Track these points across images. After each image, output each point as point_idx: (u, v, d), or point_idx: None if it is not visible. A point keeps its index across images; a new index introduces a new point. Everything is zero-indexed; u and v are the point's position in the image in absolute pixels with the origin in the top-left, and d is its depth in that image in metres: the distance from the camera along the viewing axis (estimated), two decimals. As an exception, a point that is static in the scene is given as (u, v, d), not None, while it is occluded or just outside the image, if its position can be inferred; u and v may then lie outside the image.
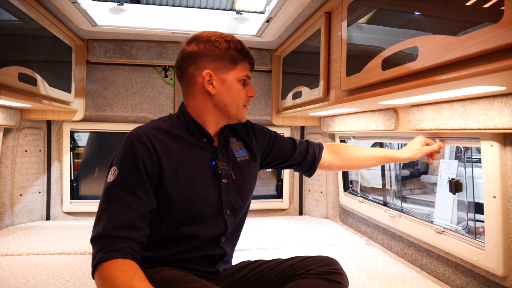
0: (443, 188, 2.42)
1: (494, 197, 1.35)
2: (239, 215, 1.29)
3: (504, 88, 1.09)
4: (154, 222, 1.13)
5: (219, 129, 1.26)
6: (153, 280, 1.00)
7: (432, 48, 1.01)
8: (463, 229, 1.75)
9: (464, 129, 1.37)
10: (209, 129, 1.22)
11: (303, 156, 1.47)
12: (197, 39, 1.18)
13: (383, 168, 3.10)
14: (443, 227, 1.68)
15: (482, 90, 1.13)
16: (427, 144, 1.53)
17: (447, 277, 1.69)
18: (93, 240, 1.02)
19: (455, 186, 1.45)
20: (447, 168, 2.69)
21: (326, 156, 1.52)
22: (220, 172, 1.21)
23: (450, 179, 1.41)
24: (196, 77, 1.17)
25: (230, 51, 1.16)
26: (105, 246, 0.98)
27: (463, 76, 0.92)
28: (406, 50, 1.13)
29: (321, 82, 1.85)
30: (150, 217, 1.10)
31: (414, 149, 1.52)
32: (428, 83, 1.05)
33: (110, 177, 1.07)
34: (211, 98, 1.18)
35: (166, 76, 2.92)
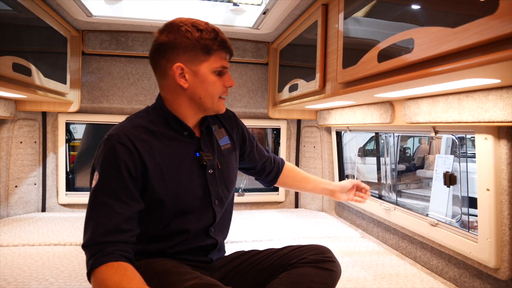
0: (438, 182, 2.44)
1: (488, 189, 1.36)
2: (225, 204, 1.28)
3: (498, 81, 1.09)
4: (143, 220, 1.12)
5: (199, 120, 1.23)
6: (146, 271, 1.00)
7: (427, 40, 1.00)
8: (456, 222, 1.76)
9: (459, 122, 1.38)
10: (188, 121, 1.18)
11: (271, 168, 1.50)
12: (168, 28, 1.11)
13: (378, 162, 3.12)
14: (437, 220, 1.69)
15: (477, 82, 1.14)
16: (358, 188, 1.56)
17: (441, 269, 1.71)
18: (84, 247, 1.01)
19: (450, 179, 1.46)
20: (442, 163, 2.71)
21: (283, 171, 1.55)
22: (205, 163, 1.19)
23: (445, 172, 1.42)
24: (167, 70, 1.11)
25: (202, 41, 1.08)
26: (95, 252, 0.97)
27: (458, 68, 0.92)
28: (402, 42, 1.13)
29: (318, 75, 1.84)
30: (139, 216, 1.08)
31: (341, 187, 1.54)
32: (423, 75, 1.04)
33: (93, 183, 1.05)
34: (184, 91, 1.13)
35: (162, 68, 2.91)
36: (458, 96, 1.37)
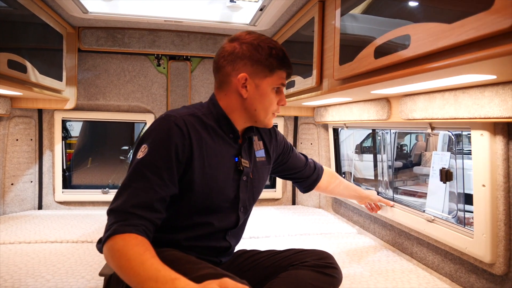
0: (435, 179, 2.45)
1: (484, 185, 1.37)
2: (248, 212, 1.33)
3: (494, 76, 1.09)
4: (170, 207, 1.14)
5: (245, 128, 1.27)
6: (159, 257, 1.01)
7: (424, 35, 1.00)
8: (452, 218, 1.77)
9: (455, 118, 1.38)
10: (236, 126, 1.23)
11: (310, 174, 1.58)
12: (241, 39, 1.17)
13: (375, 159, 3.12)
14: (434, 216, 1.70)
15: (473, 79, 1.14)
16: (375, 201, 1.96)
17: (437, 264, 1.72)
18: (111, 211, 1.02)
19: (446, 175, 1.47)
20: (439, 159, 2.72)
21: (323, 177, 1.64)
22: (242, 169, 1.22)
23: (441, 168, 1.43)
24: (231, 77, 1.17)
25: (270, 58, 1.15)
26: (121, 219, 0.99)
27: (454, 64, 0.92)
28: (398, 38, 1.13)
29: (314, 71, 1.84)
30: (170, 201, 1.11)
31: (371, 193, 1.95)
32: (419, 71, 1.05)
33: (140, 154, 1.08)
34: (242, 100, 1.18)
35: (159, 65, 2.90)
36: (455, 92, 1.37)
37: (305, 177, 1.57)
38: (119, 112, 2.91)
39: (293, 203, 3.18)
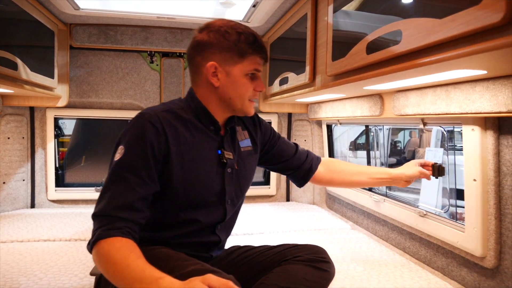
0: None
1: (475, 180, 1.38)
2: (237, 204, 1.30)
3: (485, 72, 1.10)
4: (154, 205, 1.12)
5: (226, 119, 1.25)
6: (147, 257, 1.00)
7: (415, 31, 1.01)
8: (445, 212, 1.79)
9: (446, 114, 1.39)
10: (216, 118, 1.21)
11: (300, 163, 1.44)
12: (209, 27, 1.15)
13: (368, 155, 3.14)
14: (426, 211, 1.71)
15: (464, 74, 1.15)
16: (420, 165, 1.46)
17: (429, 258, 1.73)
18: (94, 216, 1.02)
19: (438, 171, 1.48)
20: (432, 155, 2.74)
21: (319, 168, 1.48)
22: (225, 161, 1.20)
23: (433, 163, 1.43)
24: (201, 67, 1.15)
25: (239, 44, 1.12)
26: (104, 224, 0.98)
27: (445, 59, 0.92)
28: (390, 33, 1.13)
29: (307, 68, 1.85)
30: (152, 200, 1.10)
31: (405, 166, 1.45)
32: (411, 66, 1.05)
33: (117, 156, 1.06)
34: (215, 90, 1.16)
35: (152, 62, 2.89)
36: (446, 87, 1.38)
37: (295, 166, 1.45)
38: (112, 109, 2.89)
39: (287, 199, 3.18)
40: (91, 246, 0.98)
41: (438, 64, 0.98)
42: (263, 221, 2.41)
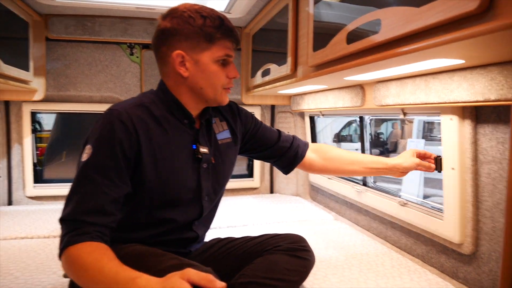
0: None
1: (453, 168, 1.41)
2: (215, 200, 1.27)
3: (463, 61, 1.11)
4: (127, 206, 1.08)
5: (200, 111, 1.19)
6: (121, 255, 0.97)
7: (394, 19, 1.01)
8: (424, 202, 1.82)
9: (426, 104, 1.41)
10: (190, 110, 1.15)
11: (285, 150, 1.39)
12: (172, 14, 1.08)
13: (363, 146, 3.17)
14: (406, 200, 1.74)
15: (443, 63, 1.16)
16: (419, 155, 1.42)
17: (409, 247, 1.76)
18: (62, 221, 0.97)
19: (441, 164, 1.44)
20: (414, 146, 2.78)
21: (309, 154, 1.43)
22: (200, 156, 1.15)
23: (436, 156, 1.42)
24: (168, 57, 1.08)
25: (205, 28, 1.05)
26: (72, 229, 0.94)
27: (422, 47, 0.93)
28: (369, 23, 1.13)
29: (289, 59, 1.84)
30: (124, 201, 1.05)
31: (403, 156, 1.41)
32: (390, 56, 1.05)
33: (84, 156, 1.00)
34: (184, 80, 1.09)
35: (132, 54, 2.83)
36: (425, 78, 1.40)
37: (280, 153, 1.39)
38: (92, 103, 2.82)
39: (271, 191, 3.19)
40: (59, 254, 0.94)
41: (416, 53, 0.98)
42: (246, 213, 2.41)
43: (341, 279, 1.43)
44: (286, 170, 1.46)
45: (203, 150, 1.17)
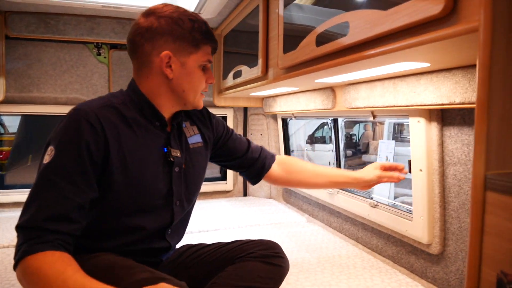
0: None
1: (421, 170, 1.43)
2: (187, 207, 1.22)
3: (428, 64, 1.13)
4: (93, 212, 1.02)
5: (173, 114, 1.15)
6: (88, 266, 0.91)
7: (362, 22, 1.01)
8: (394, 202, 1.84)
9: (394, 106, 1.42)
10: (163, 112, 1.11)
11: (253, 161, 1.38)
12: (157, 13, 1.04)
13: (337, 150, 3.20)
14: (376, 201, 1.75)
15: (410, 66, 1.17)
16: (385, 168, 1.39)
17: (380, 247, 1.78)
18: (19, 229, 0.89)
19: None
20: (385, 147, 2.83)
21: (274, 166, 1.43)
22: (172, 160, 1.11)
23: (410, 159, 1.44)
24: (152, 57, 1.04)
25: (194, 32, 1.04)
26: (32, 237, 0.86)
27: (388, 51, 0.93)
28: (338, 25, 1.13)
29: (260, 60, 1.82)
30: (90, 207, 0.98)
31: (365, 170, 1.40)
32: (357, 58, 1.05)
33: (46, 158, 0.93)
34: (168, 82, 1.06)
35: (99, 54, 2.73)
36: (393, 80, 1.41)
37: (248, 164, 1.39)
38: (57, 105, 2.70)
39: (245, 194, 3.16)
40: (15, 265, 0.86)
41: (383, 57, 0.99)
42: (219, 217, 2.37)
43: (314, 282, 1.42)
44: (254, 181, 1.45)
45: (175, 153, 1.13)
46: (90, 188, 0.96)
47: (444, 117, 1.36)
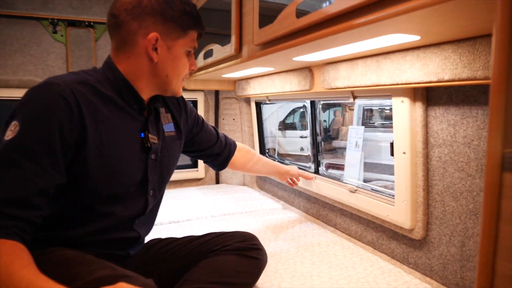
0: (351, 151, 2.54)
1: (404, 153, 1.36)
2: (158, 196, 1.14)
3: (418, 37, 1.04)
4: (60, 198, 0.91)
5: (150, 98, 1.07)
6: (43, 261, 0.80)
7: (349, -12, 0.90)
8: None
9: (377, 85, 1.34)
10: (142, 95, 1.03)
11: (221, 151, 1.45)
12: None
13: (314, 134, 3.13)
14: (356, 186, 1.69)
15: (398, 40, 1.08)
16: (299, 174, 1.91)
17: (359, 234, 1.72)
18: None
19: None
20: (355, 133, 2.81)
21: (235, 154, 1.53)
22: (149, 146, 1.04)
23: (392, 142, 1.39)
24: (138, 37, 0.96)
25: (184, 16, 0.99)
26: None
27: (381, 18, 0.83)
28: (321, -8, 1.02)
29: (233, 37, 1.68)
30: (56, 192, 0.88)
31: (289, 167, 1.88)
32: (344, 29, 0.95)
33: (9, 134, 0.82)
34: (151, 65, 0.99)
35: (55, 32, 2.49)
36: (377, 58, 1.33)
37: (215, 154, 1.44)
38: (8, 88, 2.45)
39: (217, 182, 3.05)
40: None
41: (374, 26, 0.89)
42: (190, 207, 2.25)
43: (294, 274, 1.34)
44: (218, 168, 1.52)
45: (152, 139, 1.05)
46: (57, 171, 0.86)
47: (429, 96, 1.30)
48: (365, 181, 1.91)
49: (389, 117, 4.54)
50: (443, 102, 1.25)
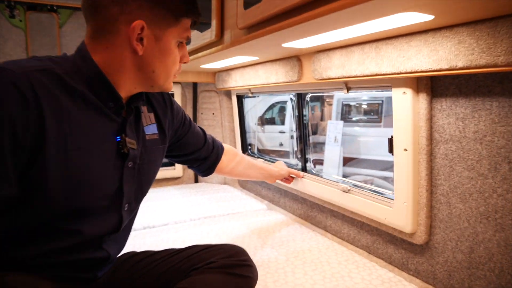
0: (330, 146, 2.45)
1: (405, 149, 1.23)
2: (134, 208, 0.96)
3: (432, 17, 0.90)
4: (11, 212, 0.74)
5: (131, 95, 0.89)
6: None
7: (357, -46, 0.75)
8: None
9: (376, 75, 1.20)
10: (120, 92, 0.84)
11: (208, 155, 1.28)
12: None
13: (301, 130, 3.01)
14: (350, 186, 1.55)
15: (408, 20, 0.93)
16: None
17: (352, 237, 1.60)
18: None
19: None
20: (334, 128, 2.71)
21: (222, 157, 1.36)
22: (126, 152, 0.86)
23: (391, 137, 1.26)
24: (119, 24, 0.78)
25: (176, 1, 0.83)
26: None
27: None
28: (321, -38, 0.86)
29: (214, 22, 1.51)
30: (5, 205, 0.72)
31: (278, 167, 1.75)
32: (349, 4, 0.80)
33: None
34: (135, 57, 0.82)
35: (12, 17, 2.23)
36: (376, 44, 1.19)
37: (202, 158, 1.27)
38: None
39: (196, 181, 2.87)
40: None
41: (382, 2, 0.74)
42: (167, 209, 2.06)
43: (285, 286, 1.19)
44: (205, 174, 1.35)
45: (130, 144, 0.87)
46: (5, 181, 0.68)
47: (435, 87, 1.17)
48: (344, 176, 1.83)
49: (368, 112, 4.50)
50: (450, 93, 1.13)
